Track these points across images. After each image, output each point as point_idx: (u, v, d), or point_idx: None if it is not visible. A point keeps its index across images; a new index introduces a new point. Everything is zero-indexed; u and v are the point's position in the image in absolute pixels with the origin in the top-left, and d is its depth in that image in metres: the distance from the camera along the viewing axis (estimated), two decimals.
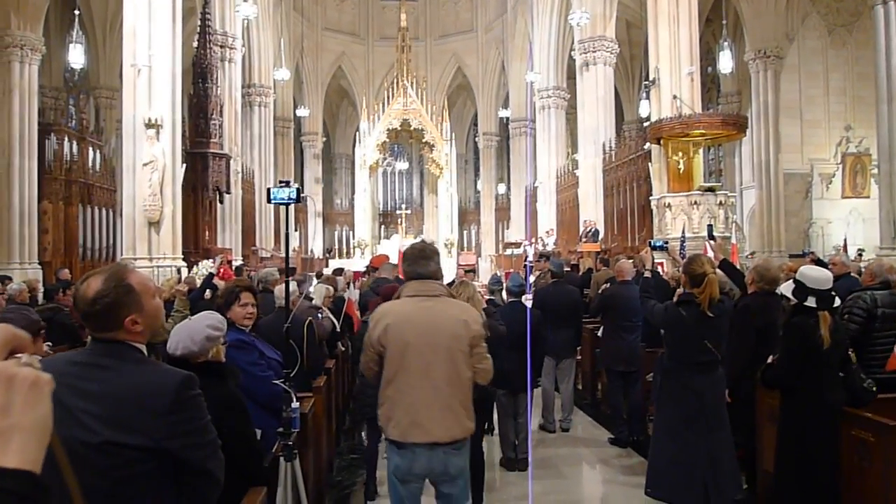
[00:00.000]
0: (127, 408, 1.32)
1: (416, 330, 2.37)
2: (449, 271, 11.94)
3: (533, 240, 17.34)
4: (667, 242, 4.21)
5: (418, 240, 21.97)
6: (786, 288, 2.97)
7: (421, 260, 2.49)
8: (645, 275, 3.52)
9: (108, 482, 1.30)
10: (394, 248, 18.81)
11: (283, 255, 3.24)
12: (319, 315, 4.46)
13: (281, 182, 3.11)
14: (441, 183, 20.99)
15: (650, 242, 3.93)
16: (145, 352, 1.46)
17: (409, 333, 2.37)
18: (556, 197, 17.65)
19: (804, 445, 2.79)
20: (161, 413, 1.33)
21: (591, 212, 14.10)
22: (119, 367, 1.37)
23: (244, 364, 2.70)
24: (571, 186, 16.26)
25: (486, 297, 4.35)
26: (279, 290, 4.14)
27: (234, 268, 8.94)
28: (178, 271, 7.38)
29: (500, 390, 4.27)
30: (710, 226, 7.04)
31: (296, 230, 21.43)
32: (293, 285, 4.32)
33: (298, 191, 3.03)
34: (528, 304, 4.73)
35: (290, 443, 2.48)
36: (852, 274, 5.12)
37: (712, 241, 4.89)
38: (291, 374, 2.89)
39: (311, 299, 4.65)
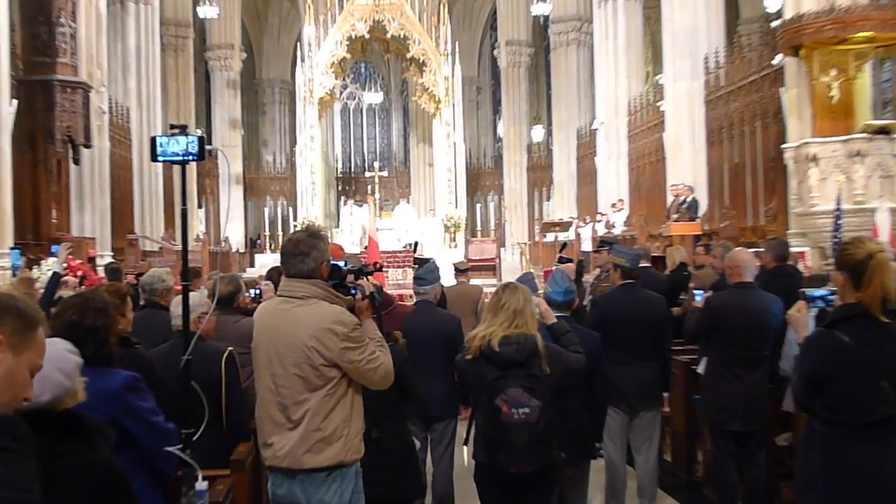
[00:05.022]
0: None
1: (268, 337, 3.32)
2: (449, 270, 11.99)
3: (590, 217, 17.34)
4: None
5: (396, 219, 21.53)
6: None
7: (296, 256, 3.31)
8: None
9: None
10: (357, 223, 18.80)
11: (180, 247, 3.34)
12: None
13: (173, 128, 3.23)
14: (438, 126, 20.99)
15: None
16: None
17: (262, 340, 3.35)
18: (628, 147, 17.67)
19: None
20: None
21: (686, 170, 14.10)
22: None
23: (145, 413, 2.92)
24: (653, 128, 16.27)
25: (557, 313, 4.43)
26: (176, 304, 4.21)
27: (110, 269, 8.93)
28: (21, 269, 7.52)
29: None
30: None
31: (200, 206, 21.47)
32: (200, 295, 4.39)
33: (202, 140, 3.18)
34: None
35: None
36: None
37: None
38: (195, 437, 3.06)
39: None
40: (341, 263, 3.52)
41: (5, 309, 1.70)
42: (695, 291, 5.82)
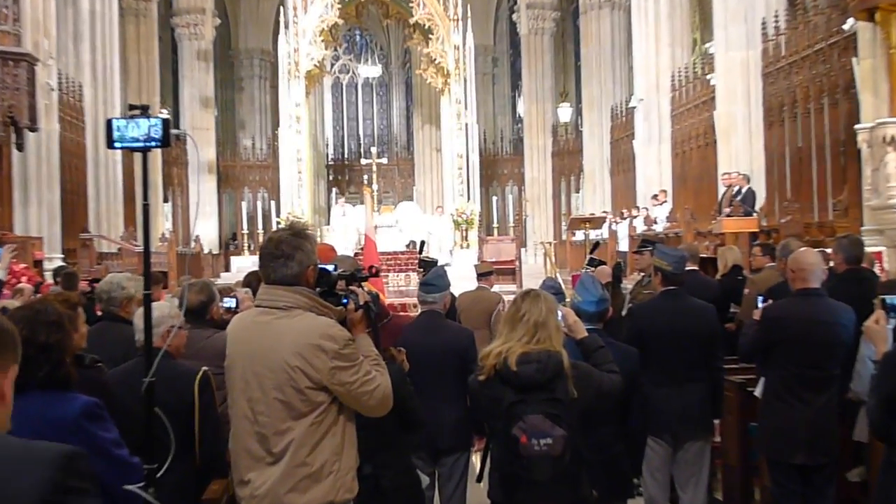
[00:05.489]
0: None
1: (244, 355, 3.29)
2: (461, 274, 11.85)
3: (627, 212, 17.23)
4: None
5: (397, 217, 21.47)
6: None
7: (277, 259, 3.27)
8: None
9: None
10: (351, 227, 18.74)
11: (142, 248, 3.40)
12: None
13: (133, 108, 3.23)
14: (447, 105, 21.02)
15: None
16: None
17: (237, 359, 3.33)
18: (672, 128, 17.70)
19: None
20: None
21: (741, 155, 14.07)
22: None
23: (107, 445, 2.95)
24: (701, 106, 16.31)
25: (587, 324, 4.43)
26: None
27: (63, 274, 8.97)
28: None
29: None
30: None
31: (166, 200, 21.45)
32: (169, 305, 4.31)
33: (167, 123, 3.19)
34: None
35: None
36: None
37: None
38: (159, 473, 3.08)
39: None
40: (331, 267, 3.49)
41: (4, 333, 1.75)
42: (760, 298, 5.77)
